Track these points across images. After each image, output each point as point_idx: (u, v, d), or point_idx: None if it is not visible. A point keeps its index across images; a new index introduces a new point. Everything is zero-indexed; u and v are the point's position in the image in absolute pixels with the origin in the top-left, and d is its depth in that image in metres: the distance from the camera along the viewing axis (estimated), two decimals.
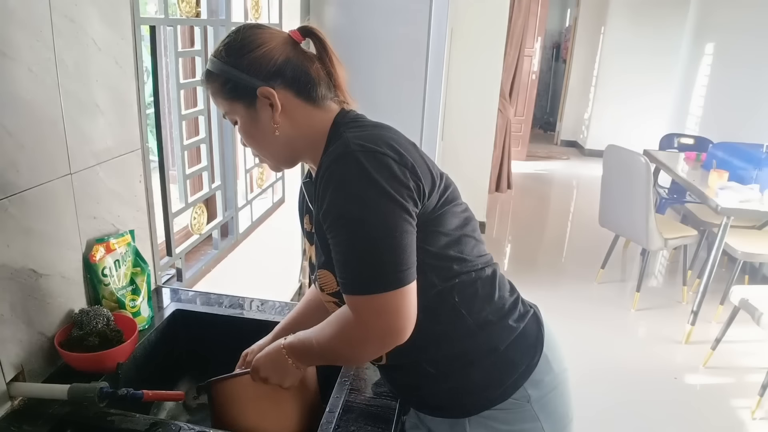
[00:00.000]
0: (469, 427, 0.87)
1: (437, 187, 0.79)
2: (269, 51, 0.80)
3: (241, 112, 0.82)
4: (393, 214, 0.72)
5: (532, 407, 0.86)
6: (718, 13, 4.50)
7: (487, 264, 0.87)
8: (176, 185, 1.50)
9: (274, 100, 0.79)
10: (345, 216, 0.72)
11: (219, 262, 1.73)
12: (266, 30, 0.82)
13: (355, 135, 0.76)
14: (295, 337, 0.86)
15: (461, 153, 3.83)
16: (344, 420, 0.90)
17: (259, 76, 0.79)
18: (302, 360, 0.85)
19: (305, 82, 0.81)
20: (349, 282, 0.74)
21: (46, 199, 0.93)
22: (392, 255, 0.72)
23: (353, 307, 0.75)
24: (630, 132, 6.20)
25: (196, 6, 1.51)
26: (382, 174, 0.71)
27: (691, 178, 3.10)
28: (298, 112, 0.82)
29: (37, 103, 0.90)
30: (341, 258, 0.74)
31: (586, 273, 3.51)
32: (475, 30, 3.64)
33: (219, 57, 0.81)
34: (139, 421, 0.86)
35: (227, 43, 0.82)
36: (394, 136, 0.78)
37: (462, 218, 0.84)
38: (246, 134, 0.85)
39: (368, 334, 0.75)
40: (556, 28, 8.00)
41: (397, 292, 0.72)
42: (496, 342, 0.85)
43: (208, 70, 0.83)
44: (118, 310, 1.07)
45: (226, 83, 0.81)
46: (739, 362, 2.61)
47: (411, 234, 0.74)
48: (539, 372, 0.86)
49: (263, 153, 0.87)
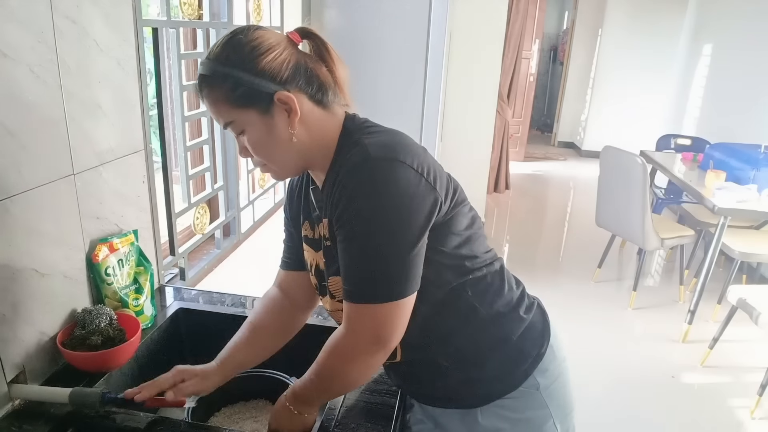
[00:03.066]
0: (481, 416, 0.88)
1: (449, 191, 0.80)
2: (281, 53, 0.75)
3: (253, 119, 0.76)
4: (407, 227, 0.72)
5: (541, 395, 0.88)
6: (716, 15, 4.52)
7: (494, 258, 0.90)
8: (179, 186, 1.51)
9: (293, 104, 0.75)
10: (360, 224, 0.72)
11: (221, 262, 1.74)
12: (269, 31, 0.79)
13: (372, 141, 0.75)
14: (294, 385, 0.86)
15: (460, 154, 3.84)
16: (344, 417, 0.91)
17: (275, 80, 0.74)
18: (309, 404, 0.85)
19: (317, 86, 0.78)
20: (353, 289, 0.75)
21: (48, 200, 0.94)
22: (400, 267, 0.73)
23: (349, 315, 0.77)
24: (627, 133, 6.22)
25: (199, 8, 1.51)
26: (401, 185, 0.71)
27: (688, 178, 3.12)
28: (312, 117, 0.78)
29: (40, 104, 0.91)
30: (351, 264, 0.75)
31: (583, 272, 3.53)
32: (474, 32, 3.66)
33: (223, 60, 0.75)
34: (140, 419, 0.86)
35: (234, 45, 0.75)
36: (409, 143, 0.78)
37: (470, 217, 0.85)
38: (257, 144, 0.78)
39: (356, 342, 0.77)
40: (554, 31, 8.03)
41: (393, 303, 0.74)
42: (508, 333, 0.88)
43: (207, 76, 0.76)
44: (121, 309, 1.07)
45: (235, 89, 0.74)
46: (737, 361, 2.62)
47: (422, 248, 0.75)
48: (546, 360, 0.89)
49: (274, 162, 0.81)
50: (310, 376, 0.84)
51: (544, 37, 6.90)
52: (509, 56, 5.01)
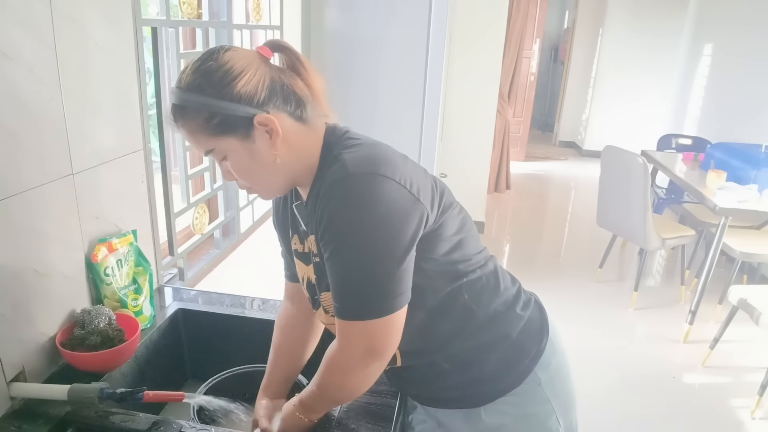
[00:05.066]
0: (484, 414, 0.88)
1: (435, 199, 0.78)
2: (254, 74, 0.72)
3: (234, 146, 0.74)
4: (392, 241, 0.71)
5: (543, 389, 0.89)
6: (717, 14, 4.51)
7: (488, 258, 0.90)
8: (178, 185, 1.50)
9: (274, 125, 0.72)
10: (342, 242, 0.71)
11: (220, 262, 1.74)
12: (238, 50, 0.74)
13: (351, 156, 0.73)
14: (302, 394, 0.87)
15: (461, 154, 3.84)
16: (344, 417, 0.91)
17: (252, 104, 0.71)
18: (314, 411, 0.86)
19: (295, 102, 0.76)
20: (342, 307, 0.75)
21: (47, 200, 0.94)
22: (387, 283, 0.72)
23: (342, 331, 0.76)
24: (628, 133, 6.22)
25: (198, 8, 1.51)
26: (381, 199, 0.70)
27: (689, 178, 3.11)
28: (293, 134, 0.76)
29: (39, 104, 0.90)
30: (338, 282, 0.74)
31: (584, 272, 3.52)
32: (474, 31, 3.66)
33: (196, 89, 0.71)
34: (140, 420, 0.86)
35: (204, 73, 0.71)
36: (388, 154, 0.75)
37: (459, 220, 0.84)
38: (241, 169, 0.76)
39: (351, 356, 0.77)
40: (555, 30, 8.02)
41: (385, 318, 0.73)
42: (507, 331, 0.88)
43: (181, 106, 0.72)
44: (120, 309, 1.07)
45: (211, 118, 0.71)
46: (737, 362, 2.62)
47: (410, 260, 0.74)
48: (547, 355, 0.89)
49: (260, 185, 0.80)
50: (312, 387, 0.84)
51: (545, 37, 6.89)
52: (510, 56, 5.01)
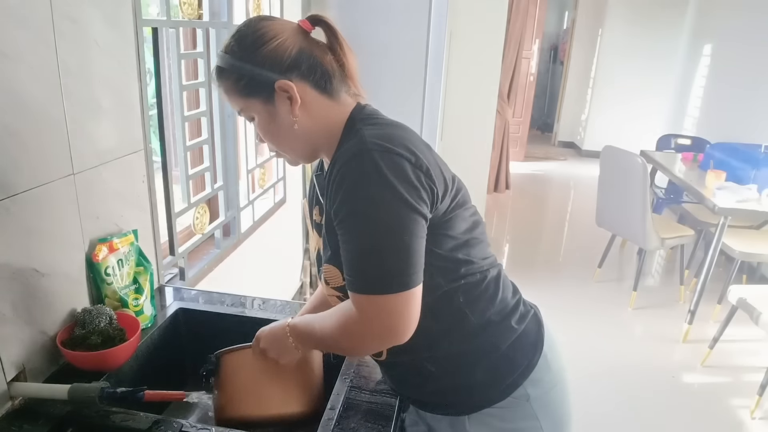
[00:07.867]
0: (468, 424, 0.87)
1: (449, 190, 0.79)
2: (283, 42, 0.77)
3: (258, 108, 0.80)
4: (405, 217, 0.71)
5: (531, 406, 0.87)
6: (716, 15, 4.52)
7: (492, 265, 0.88)
8: (179, 185, 1.51)
9: (293, 92, 0.77)
10: (357, 215, 0.72)
11: (221, 262, 1.74)
12: (276, 21, 0.80)
13: (371, 133, 0.75)
14: (300, 319, 0.87)
15: (460, 154, 3.83)
16: (345, 417, 0.91)
17: (275, 70, 0.77)
18: (302, 342, 0.86)
19: (321, 74, 0.79)
20: (355, 280, 0.74)
21: (48, 199, 0.94)
22: (400, 257, 0.72)
23: (357, 304, 0.75)
24: (627, 133, 6.21)
25: (198, 8, 1.52)
26: (397, 175, 0.71)
27: (689, 178, 3.11)
28: (315, 104, 0.80)
29: (40, 104, 0.91)
30: (349, 256, 0.74)
31: (583, 272, 3.53)
32: (474, 32, 3.66)
33: (230, 53, 0.79)
34: (141, 419, 0.86)
35: (238, 38, 0.79)
36: (410, 137, 0.77)
37: (471, 221, 0.83)
38: (264, 130, 0.83)
39: (369, 331, 0.76)
40: (554, 30, 8.02)
41: (401, 294, 0.72)
42: (496, 342, 0.86)
43: (219, 67, 0.80)
44: (121, 308, 1.07)
45: (240, 79, 0.78)
46: (737, 361, 2.62)
47: (421, 238, 0.74)
48: (539, 371, 0.87)
49: (282, 148, 0.85)
50: (314, 326, 0.83)
51: (545, 37, 6.89)
52: (509, 56, 5.01)
